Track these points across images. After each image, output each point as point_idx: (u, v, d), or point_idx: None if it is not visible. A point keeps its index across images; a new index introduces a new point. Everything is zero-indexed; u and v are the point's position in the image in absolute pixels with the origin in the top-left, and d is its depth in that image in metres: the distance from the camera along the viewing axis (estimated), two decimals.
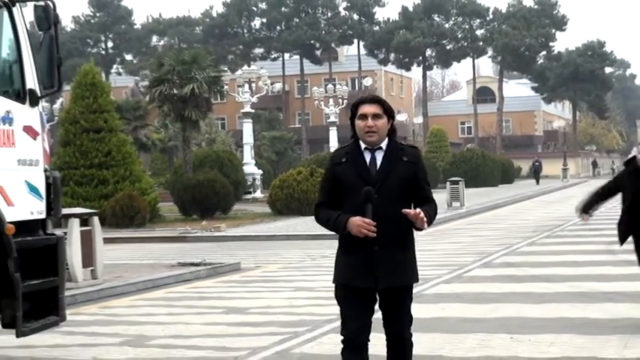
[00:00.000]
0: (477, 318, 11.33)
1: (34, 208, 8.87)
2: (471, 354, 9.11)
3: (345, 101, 60.33)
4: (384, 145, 5.96)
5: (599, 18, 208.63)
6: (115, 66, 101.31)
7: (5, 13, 8.83)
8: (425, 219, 5.75)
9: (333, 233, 5.78)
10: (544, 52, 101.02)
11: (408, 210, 5.73)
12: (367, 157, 5.93)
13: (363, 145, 5.96)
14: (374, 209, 5.69)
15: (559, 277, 15.11)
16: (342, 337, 5.99)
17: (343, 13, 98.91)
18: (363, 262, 5.82)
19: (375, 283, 5.83)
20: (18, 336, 8.54)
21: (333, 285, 6.09)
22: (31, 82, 8.93)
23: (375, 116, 5.89)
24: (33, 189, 8.87)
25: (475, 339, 9.91)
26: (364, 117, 5.89)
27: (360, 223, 5.65)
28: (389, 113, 6.00)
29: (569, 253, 19.03)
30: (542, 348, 9.26)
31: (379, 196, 5.73)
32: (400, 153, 5.98)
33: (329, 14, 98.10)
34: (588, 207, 10.56)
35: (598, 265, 16.75)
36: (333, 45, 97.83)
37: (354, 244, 5.82)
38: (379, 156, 5.93)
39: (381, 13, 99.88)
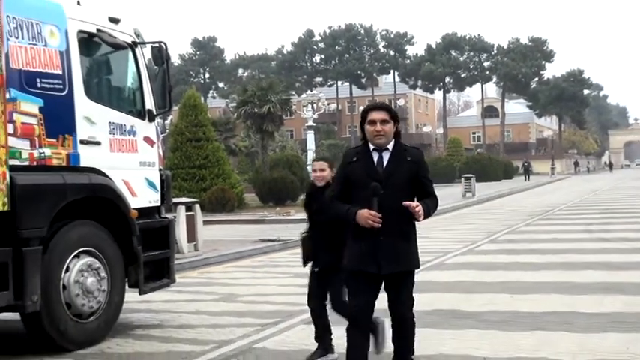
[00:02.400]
0: (485, 282, 11.25)
1: (151, 198, 8.98)
2: (481, 308, 9.04)
3: None
4: (390, 146, 5.36)
5: (579, 52, 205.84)
6: (210, 91, 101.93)
7: (130, 53, 8.94)
8: (421, 212, 5.18)
9: None
10: (536, 79, 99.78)
11: (408, 203, 5.17)
12: (375, 157, 5.36)
13: (371, 147, 5.38)
14: (380, 203, 5.16)
15: (549, 250, 14.95)
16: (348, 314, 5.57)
17: (382, 50, 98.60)
18: (369, 250, 5.27)
19: (379, 268, 5.27)
20: (140, 293, 8.67)
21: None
22: (149, 104, 9.04)
23: (383, 122, 5.31)
24: (151, 184, 8.98)
25: (485, 297, 9.85)
26: (373, 122, 5.32)
27: (367, 215, 5.13)
28: (395, 118, 5.41)
29: (556, 232, 18.81)
30: (536, 304, 9.17)
31: (385, 191, 5.19)
32: (405, 153, 5.38)
33: (371, 51, 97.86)
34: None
35: (579, 241, 16.55)
36: (374, 74, 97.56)
37: (362, 233, 5.27)
38: (386, 156, 5.34)
39: (411, 50, 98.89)
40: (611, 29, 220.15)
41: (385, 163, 5.34)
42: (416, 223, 5.39)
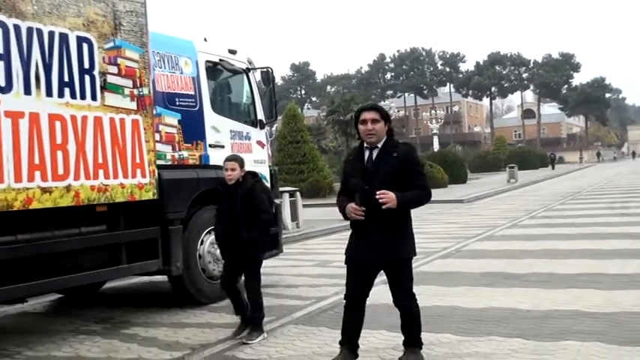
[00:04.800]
0: (528, 250, 10.98)
1: None
2: (525, 271, 8.84)
3: (442, 120, 58.86)
4: (380, 144, 4.61)
5: (601, 62, 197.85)
6: (306, 104, 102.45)
7: (244, 76, 9.07)
8: (386, 199, 4.34)
9: (439, 199, 5.26)
10: (566, 86, 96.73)
11: (377, 192, 4.36)
12: (366, 154, 4.63)
13: (365, 145, 4.67)
14: (365, 197, 4.44)
15: (580, 223, 14.48)
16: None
17: (440, 67, 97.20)
18: (360, 241, 4.62)
19: (365, 257, 4.61)
20: None
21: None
22: (260, 115, 9.13)
23: (374, 121, 4.56)
24: (262, 177, 9.04)
25: (528, 262, 9.61)
26: (364, 122, 4.59)
27: (351, 209, 4.48)
28: (385, 117, 4.63)
29: (585, 209, 18.20)
30: (570, 267, 8.90)
31: (371, 186, 4.43)
32: (392, 150, 4.58)
33: (431, 68, 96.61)
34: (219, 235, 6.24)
35: (603, 216, 15.95)
36: (434, 87, 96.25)
37: (354, 226, 4.65)
38: (375, 153, 4.60)
39: (463, 67, 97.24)
40: (627, 42, 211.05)
41: (373, 159, 4.60)
42: (410, 213, 4.67)
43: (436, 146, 51.31)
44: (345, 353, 4.76)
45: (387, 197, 4.38)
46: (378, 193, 4.37)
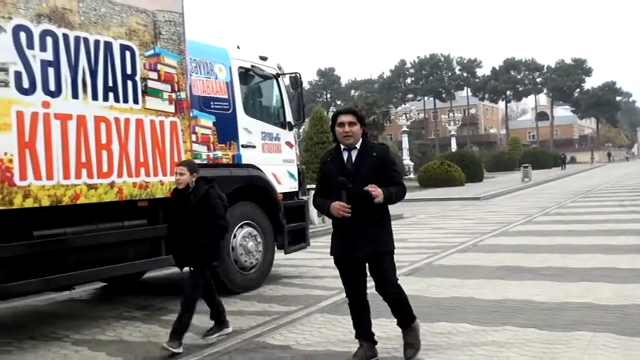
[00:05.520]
0: (541, 245, 10.84)
1: (292, 186, 9.11)
2: (539, 265, 8.73)
3: (459, 123, 58.41)
4: (358, 145, 4.58)
5: (612, 66, 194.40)
6: (331, 107, 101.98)
7: (274, 81, 9.10)
8: (377, 194, 4.30)
9: (457, 196, 5.22)
10: (578, 90, 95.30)
11: (367, 187, 4.32)
12: (345, 155, 4.57)
13: (342, 147, 4.60)
14: (350, 195, 4.38)
15: (591, 220, 14.25)
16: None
17: (458, 72, 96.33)
18: (345, 238, 4.50)
19: (355, 252, 4.49)
20: (285, 254, 8.81)
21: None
22: (289, 117, 9.16)
23: (351, 124, 4.53)
24: (291, 175, 9.11)
25: (541, 256, 9.49)
26: (342, 124, 4.54)
27: (338, 207, 4.37)
28: (361, 120, 4.61)
29: (597, 207, 17.92)
30: (582, 262, 8.77)
31: (354, 185, 4.39)
32: (371, 150, 4.56)
33: (449, 73, 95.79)
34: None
35: (614, 213, 15.70)
36: (452, 91, 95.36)
37: (337, 223, 4.53)
38: (354, 154, 4.55)
39: (480, 71, 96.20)
40: (638, 47, 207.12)
41: (353, 159, 4.56)
42: (389, 210, 4.60)
43: (454, 147, 51.01)
44: (365, 344, 4.75)
45: (377, 192, 4.36)
46: (369, 186, 4.34)
